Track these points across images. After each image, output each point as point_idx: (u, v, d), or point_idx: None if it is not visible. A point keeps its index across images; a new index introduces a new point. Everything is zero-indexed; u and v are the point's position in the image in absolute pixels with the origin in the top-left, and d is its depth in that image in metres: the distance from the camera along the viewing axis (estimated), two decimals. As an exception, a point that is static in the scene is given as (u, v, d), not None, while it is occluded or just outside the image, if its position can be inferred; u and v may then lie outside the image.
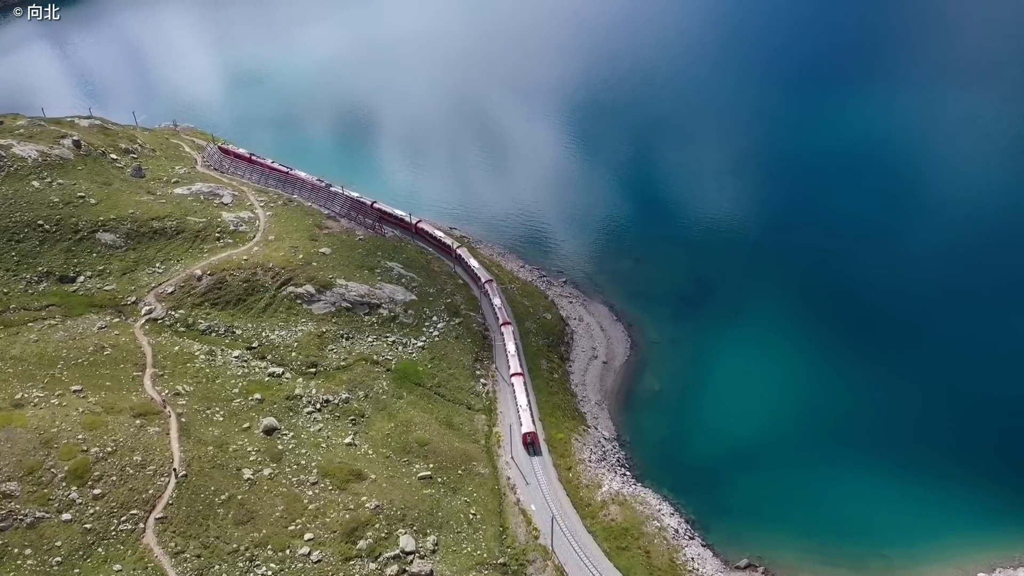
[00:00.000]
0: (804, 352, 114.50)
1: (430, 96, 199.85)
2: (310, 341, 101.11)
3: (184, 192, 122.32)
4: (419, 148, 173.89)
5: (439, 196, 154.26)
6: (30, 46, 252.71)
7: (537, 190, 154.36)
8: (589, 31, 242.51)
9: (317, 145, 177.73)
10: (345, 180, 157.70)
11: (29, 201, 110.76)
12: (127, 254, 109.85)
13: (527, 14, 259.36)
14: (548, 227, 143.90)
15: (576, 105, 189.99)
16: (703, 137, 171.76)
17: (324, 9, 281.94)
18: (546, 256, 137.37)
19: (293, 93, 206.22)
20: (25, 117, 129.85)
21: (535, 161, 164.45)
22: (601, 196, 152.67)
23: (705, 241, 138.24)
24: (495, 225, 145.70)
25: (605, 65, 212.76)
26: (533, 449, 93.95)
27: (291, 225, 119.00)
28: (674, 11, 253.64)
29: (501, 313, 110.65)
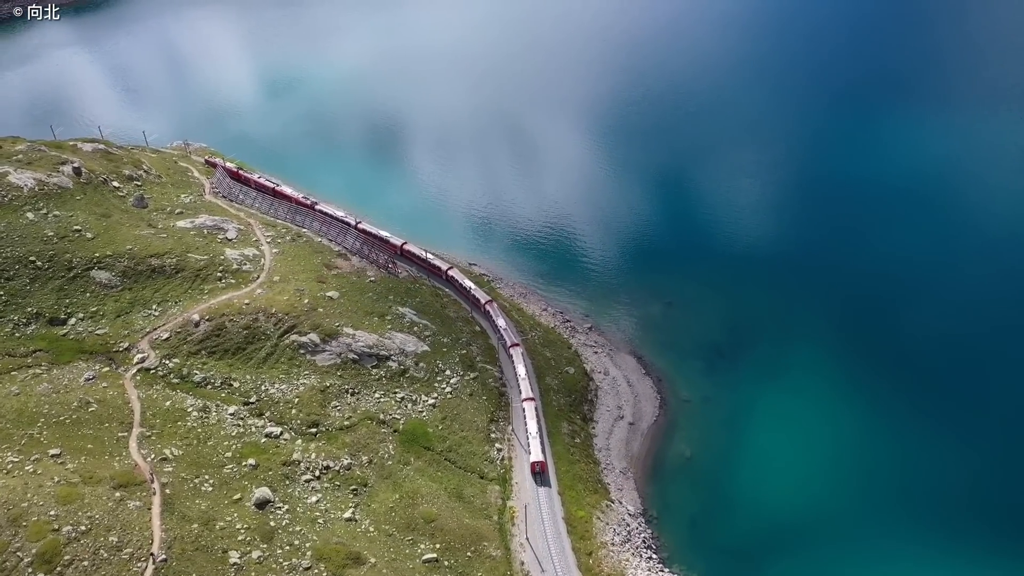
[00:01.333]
0: (855, 413, 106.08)
1: (456, 117, 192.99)
2: (312, 397, 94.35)
3: (187, 225, 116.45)
4: (442, 174, 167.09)
5: (460, 226, 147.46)
6: (41, 57, 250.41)
7: (562, 222, 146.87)
8: (621, 47, 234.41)
9: (334, 167, 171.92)
10: (361, 205, 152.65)
11: (22, 235, 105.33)
12: (122, 294, 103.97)
13: (559, 30, 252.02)
14: (573, 264, 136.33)
15: (606, 127, 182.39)
16: (740, 164, 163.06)
17: (352, 19, 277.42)
18: (571, 297, 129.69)
19: (314, 109, 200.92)
20: (25, 141, 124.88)
21: (561, 190, 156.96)
22: (630, 230, 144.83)
23: (742, 283, 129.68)
24: (517, 260, 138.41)
25: (637, 84, 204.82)
26: (541, 479, 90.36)
27: (298, 264, 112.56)
28: (710, 29, 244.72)
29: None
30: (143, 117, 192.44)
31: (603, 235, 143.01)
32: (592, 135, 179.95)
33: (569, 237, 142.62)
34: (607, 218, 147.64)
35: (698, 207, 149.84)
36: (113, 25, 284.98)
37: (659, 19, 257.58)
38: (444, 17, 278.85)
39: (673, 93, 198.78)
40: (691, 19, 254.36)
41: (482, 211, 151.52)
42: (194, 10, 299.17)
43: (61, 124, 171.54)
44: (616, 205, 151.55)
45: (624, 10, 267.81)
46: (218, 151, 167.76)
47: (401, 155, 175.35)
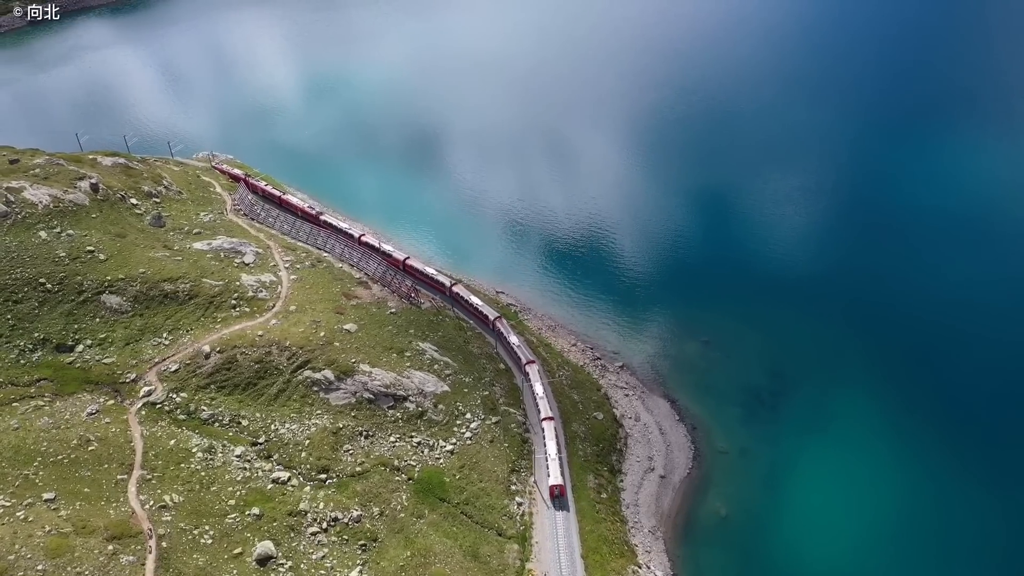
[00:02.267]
0: (908, 472, 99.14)
1: (489, 130, 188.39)
2: (324, 439, 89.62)
3: (203, 247, 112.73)
4: (473, 192, 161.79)
5: (489, 251, 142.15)
6: (73, 60, 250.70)
7: (595, 249, 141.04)
8: (662, 58, 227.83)
9: (362, 180, 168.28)
10: (388, 222, 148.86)
11: (33, 255, 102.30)
12: (132, 320, 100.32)
13: (598, 40, 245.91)
14: (606, 294, 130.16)
15: (644, 146, 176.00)
16: (786, 188, 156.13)
17: (387, 25, 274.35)
18: (602, 331, 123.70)
19: (344, 118, 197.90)
20: (44, 154, 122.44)
21: (594, 213, 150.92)
22: (667, 259, 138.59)
23: (786, 321, 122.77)
24: (547, 289, 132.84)
25: (679, 99, 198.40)
26: (559, 503, 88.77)
27: (316, 293, 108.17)
28: (761, 40, 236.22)
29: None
30: (171, 125, 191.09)
31: (638, 263, 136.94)
32: (629, 154, 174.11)
33: (602, 265, 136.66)
34: (643, 245, 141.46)
35: (740, 235, 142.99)
36: (147, 27, 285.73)
37: (704, 28, 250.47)
38: (481, 24, 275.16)
39: (716, 109, 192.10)
40: (739, 30, 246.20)
41: (513, 234, 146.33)
42: (229, 12, 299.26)
43: (88, 132, 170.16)
44: (653, 231, 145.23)
45: (666, 18, 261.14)
46: (245, 164, 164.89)
47: (432, 170, 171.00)
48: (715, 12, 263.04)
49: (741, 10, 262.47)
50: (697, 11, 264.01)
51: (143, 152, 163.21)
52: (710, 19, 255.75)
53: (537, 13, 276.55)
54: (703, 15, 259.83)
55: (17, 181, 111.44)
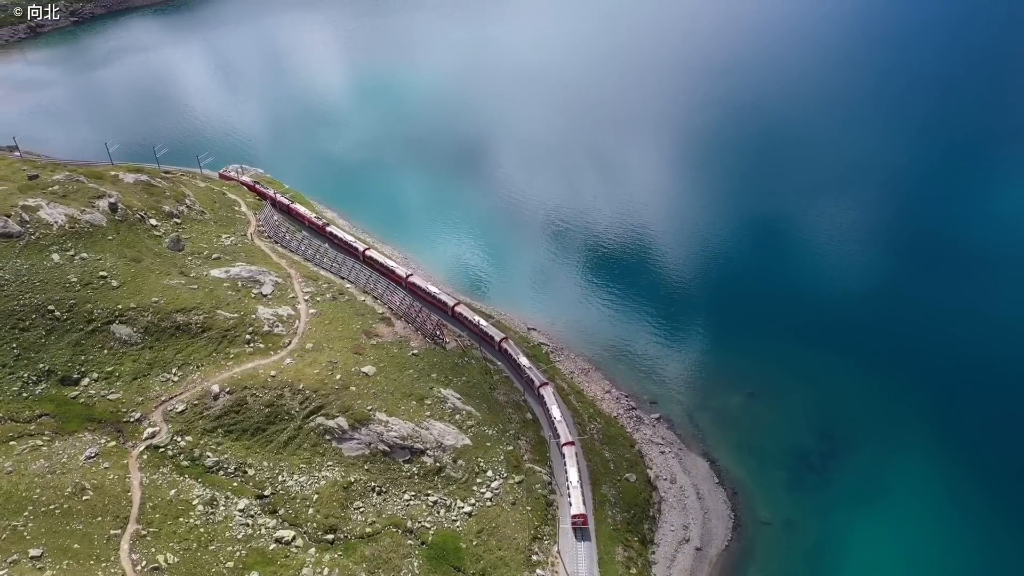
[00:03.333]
0: (977, 553, 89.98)
1: (532, 147, 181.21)
2: (333, 494, 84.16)
3: (220, 275, 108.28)
4: (509, 216, 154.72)
5: (523, 283, 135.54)
6: (112, 62, 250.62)
7: (636, 285, 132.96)
8: (716, 75, 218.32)
9: (393, 196, 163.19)
10: (417, 245, 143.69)
11: (44, 280, 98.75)
12: (142, 353, 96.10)
13: (649, 54, 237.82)
14: (644, 336, 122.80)
15: (692, 171, 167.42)
16: (846, 224, 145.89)
17: (434, 32, 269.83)
18: (638, 377, 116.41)
19: (382, 131, 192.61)
20: (66, 169, 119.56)
21: (636, 245, 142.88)
22: (711, 298, 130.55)
23: (840, 374, 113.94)
24: (582, 327, 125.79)
25: (730, 121, 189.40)
26: (582, 534, 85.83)
27: (335, 329, 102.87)
28: (822, 58, 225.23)
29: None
30: (202, 134, 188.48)
31: (680, 301, 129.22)
32: (676, 179, 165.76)
33: (641, 303, 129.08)
34: (686, 281, 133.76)
35: (792, 273, 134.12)
36: (187, 29, 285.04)
37: (761, 45, 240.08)
38: (527, 34, 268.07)
39: (769, 131, 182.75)
40: (799, 47, 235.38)
41: (549, 264, 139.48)
42: (270, 16, 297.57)
43: (118, 140, 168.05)
44: (697, 265, 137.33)
45: (721, 35, 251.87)
46: (276, 179, 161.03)
47: (467, 190, 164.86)
48: (773, 28, 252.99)
49: (802, 26, 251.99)
50: (755, 27, 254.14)
51: (173, 163, 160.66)
52: (767, 35, 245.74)
53: (587, 25, 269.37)
54: (761, 31, 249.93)
55: (34, 199, 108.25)
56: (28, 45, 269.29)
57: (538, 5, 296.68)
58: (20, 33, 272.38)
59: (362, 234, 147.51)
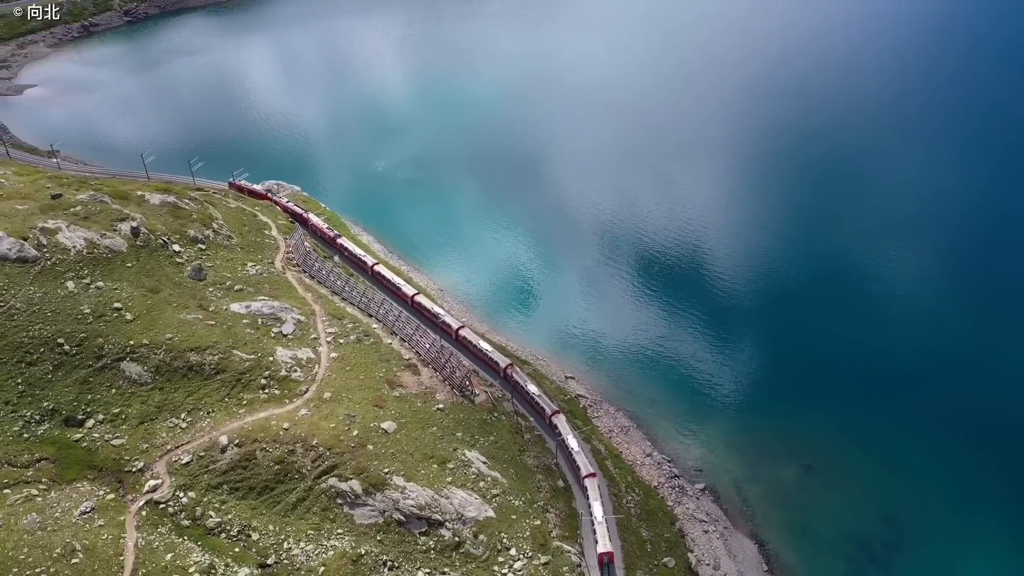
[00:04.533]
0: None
1: (585, 171, 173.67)
2: (341, 568, 77.75)
3: (240, 310, 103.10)
4: (557, 247, 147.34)
5: (566, 324, 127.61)
6: (161, 64, 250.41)
7: (684, 334, 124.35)
8: (785, 98, 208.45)
9: (434, 218, 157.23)
10: (456, 276, 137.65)
11: (56, 310, 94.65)
12: (151, 394, 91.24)
13: (714, 72, 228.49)
14: (692, 393, 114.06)
15: (752, 206, 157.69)
16: (924, 275, 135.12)
17: (494, 40, 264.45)
18: (683, 439, 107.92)
19: (429, 148, 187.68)
20: (90, 188, 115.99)
21: (686, 292, 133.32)
22: (767, 354, 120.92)
23: (913, 450, 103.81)
24: (624, 377, 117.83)
25: (798, 150, 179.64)
26: (609, 571, 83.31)
27: (356, 377, 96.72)
28: (905, 85, 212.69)
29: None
30: (241, 145, 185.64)
31: (733, 356, 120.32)
32: (734, 215, 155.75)
33: (690, 355, 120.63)
34: (739, 335, 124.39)
35: (861, 330, 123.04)
36: (238, 32, 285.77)
37: (834, 66, 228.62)
38: (587, 44, 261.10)
39: (840, 163, 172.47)
40: (880, 71, 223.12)
41: (592, 308, 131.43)
42: (323, 21, 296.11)
43: (156, 151, 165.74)
44: (752, 318, 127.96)
45: (793, 56, 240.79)
46: (312, 197, 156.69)
47: (514, 216, 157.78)
48: (851, 50, 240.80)
49: (881, 51, 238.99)
50: (830, 48, 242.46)
51: (209, 175, 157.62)
52: (842, 57, 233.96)
53: (651, 41, 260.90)
54: (836, 52, 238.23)
55: (54, 220, 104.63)
56: (81, 45, 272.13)
57: (602, 18, 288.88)
58: (73, 32, 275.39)
59: (398, 261, 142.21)
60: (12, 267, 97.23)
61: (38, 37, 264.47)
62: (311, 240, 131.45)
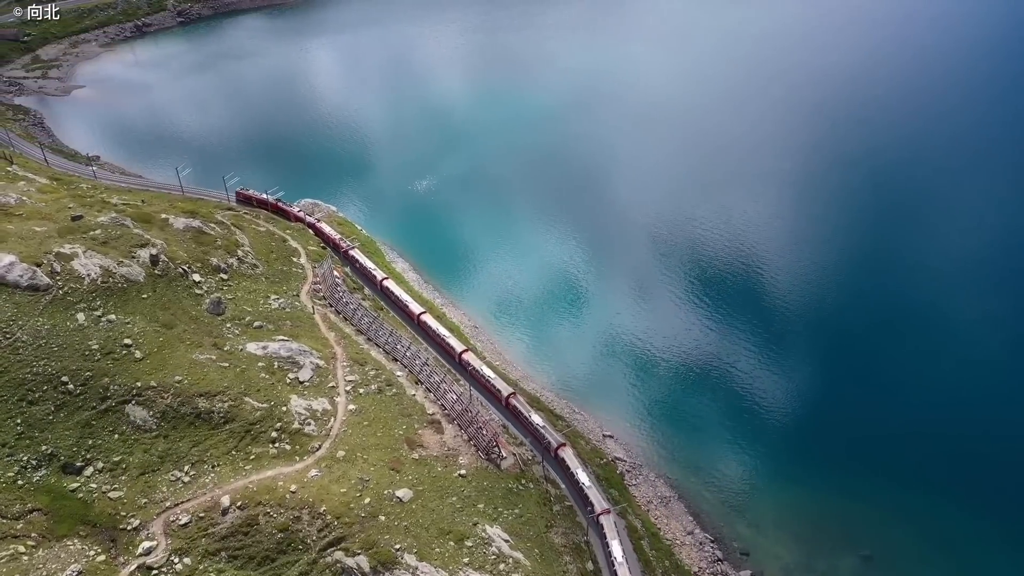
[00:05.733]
0: None
1: (643, 199, 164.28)
2: (341, 657, 71.21)
3: (257, 351, 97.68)
4: (602, 291, 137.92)
5: (603, 375, 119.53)
6: (210, 68, 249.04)
7: (734, 395, 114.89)
8: (860, 127, 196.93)
9: (469, 248, 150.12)
10: (494, 316, 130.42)
11: (63, 344, 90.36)
12: (155, 442, 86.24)
13: (787, 94, 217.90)
14: (743, 463, 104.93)
15: (813, 251, 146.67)
16: (1002, 334, 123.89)
17: (546, 52, 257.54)
18: (729, 515, 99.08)
19: (476, 165, 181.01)
20: (113, 209, 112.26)
21: (740, 348, 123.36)
22: (828, 428, 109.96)
23: (990, 544, 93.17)
24: (667, 440, 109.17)
25: (872, 186, 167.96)
26: None
27: (373, 434, 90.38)
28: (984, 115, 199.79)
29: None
30: (279, 160, 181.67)
31: (788, 426, 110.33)
32: (798, 258, 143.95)
33: (742, 419, 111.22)
34: (795, 402, 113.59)
35: (935, 401, 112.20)
36: (290, 36, 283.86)
37: (916, 93, 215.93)
38: (654, 56, 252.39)
39: (917, 201, 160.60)
40: (965, 102, 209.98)
41: (637, 357, 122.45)
42: (374, 28, 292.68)
43: (190, 164, 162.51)
44: (811, 382, 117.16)
45: (869, 73, 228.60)
46: (348, 219, 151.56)
47: (562, 246, 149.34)
48: (937, 75, 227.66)
49: (972, 77, 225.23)
50: (915, 72, 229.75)
51: (239, 196, 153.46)
52: (927, 82, 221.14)
53: (709, 54, 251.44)
54: (920, 77, 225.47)
55: (71, 245, 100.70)
56: (132, 45, 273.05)
57: (662, 32, 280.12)
58: (126, 32, 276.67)
59: (432, 292, 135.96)
60: (22, 295, 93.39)
61: (91, 36, 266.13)
62: (341, 268, 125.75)
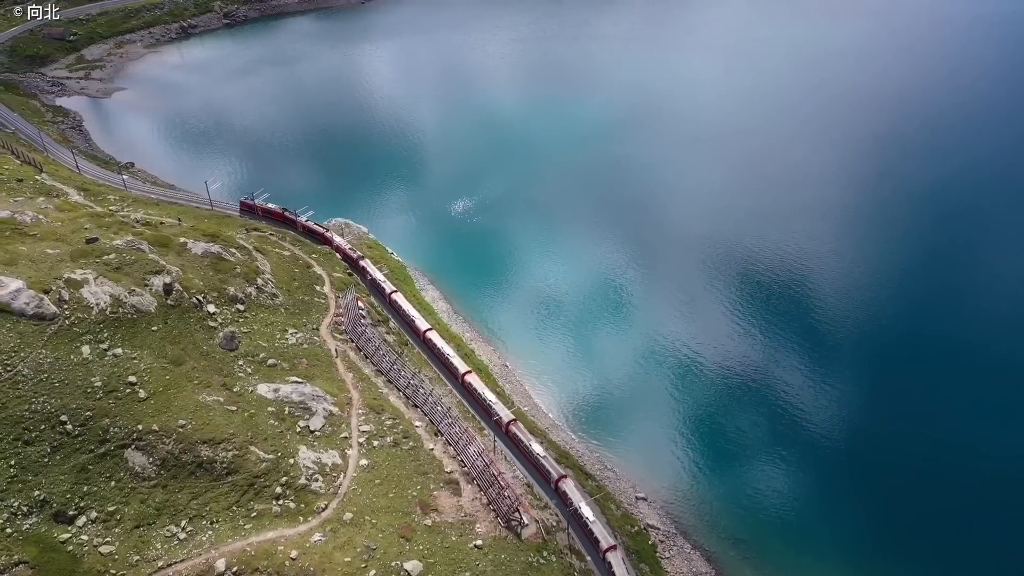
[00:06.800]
0: None
1: (700, 232, 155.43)
2: None
3: (267, 394, 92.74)
4: (651, 333, 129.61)
5: (643, 428, 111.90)
6: (250, 73, 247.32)
7: (795, 459, 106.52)
8: (940, 159, 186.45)
9: (508, 275, 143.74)
10: (530, 353, 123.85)
11: (65, 380, 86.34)
12: (153, 492, 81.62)
13: (868, 114, 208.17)
14: (792, 541, 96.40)
15: (875, 310, 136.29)
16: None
17: (605, 65, 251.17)
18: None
19: (520, 188, 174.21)
20: (130, 231, 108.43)
21: (799, 406, 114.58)
22: (894, 501, 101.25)
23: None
24: (708, 505, 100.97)
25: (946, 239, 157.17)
26: None
27: (385, 495, 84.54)
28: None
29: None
30: (315, 174, 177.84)
31: (843, 495, 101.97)
32: (870, 325, 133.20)
33: (792, 487, 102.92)
34: (856, 469, 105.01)
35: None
36: (334, 40, 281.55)
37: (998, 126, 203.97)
38: (716, 72, 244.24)
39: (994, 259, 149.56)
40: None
41: (684, 411, 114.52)
42: (421, 35, 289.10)
43: (223, 176, 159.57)
44: (873, 446, 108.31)
45: (948, 100, 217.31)
46: (379, 241, 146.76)
47: (609, 277, 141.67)
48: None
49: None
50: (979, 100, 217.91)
51: (272, 213, 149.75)
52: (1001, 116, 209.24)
53: (781, 71, 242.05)
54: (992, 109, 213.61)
55: (83, 271, 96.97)
56: (177, 47, 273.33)
57: (723, 45, 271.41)
58: (172, 33, 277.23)
59: (461, 324, 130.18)
60: (27, 325, 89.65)
61: (136, 36, 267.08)
62: (366, 299, 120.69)
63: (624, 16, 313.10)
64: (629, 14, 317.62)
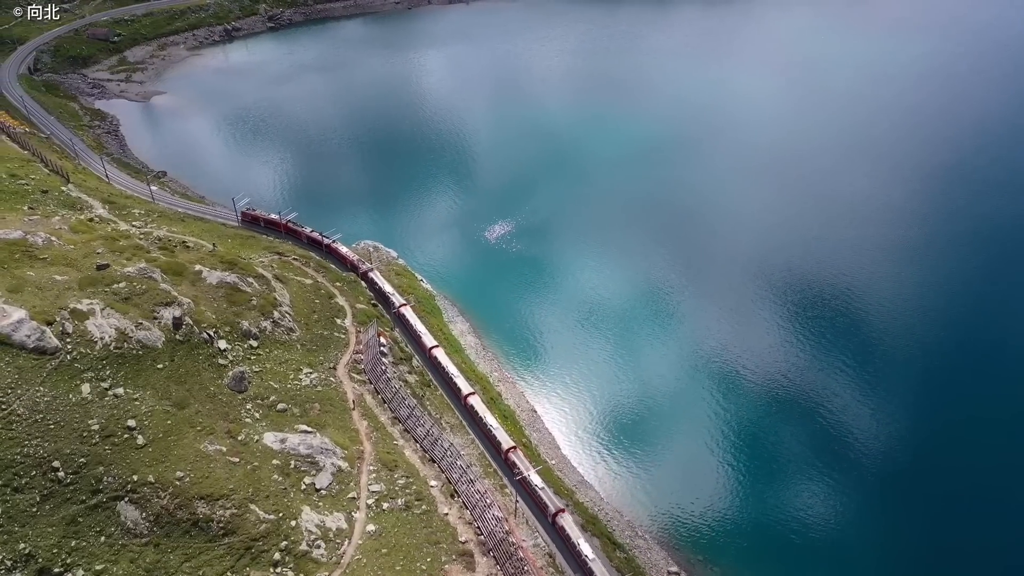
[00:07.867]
0: None
1: (750, 268, 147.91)
2: None
3: (274, 444, 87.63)
4: (694, 376, 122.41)
5: (682, 490, 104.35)
6: (293, 80, 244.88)
7: (846, 530, 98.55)
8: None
9: (538, 307, 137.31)
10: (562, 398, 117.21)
11: (61, 422, 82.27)
12: (144, 551, 76.90)
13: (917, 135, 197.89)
14: None
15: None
16: None
17: (651, 78, 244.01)
18: None
19: (558, 210, 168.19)
20: (143, 258, 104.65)
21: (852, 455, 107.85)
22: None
23: None
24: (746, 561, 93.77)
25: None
26: None
27: (391, 568, 78.45)
28: None
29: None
30: (348, 194, 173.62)
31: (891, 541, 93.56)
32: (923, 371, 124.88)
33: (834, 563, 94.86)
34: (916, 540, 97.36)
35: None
36: (374, 48, 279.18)
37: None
38: (778, 88, 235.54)
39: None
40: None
41: (725, 476, 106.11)
42: (466, 44, 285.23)
43: (253, 191, 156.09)
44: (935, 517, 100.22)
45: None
46: (408, 267, 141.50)
47: (648, 325, 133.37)
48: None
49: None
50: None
51: (297, 233, 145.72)
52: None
53: (845, 92, 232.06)
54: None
55: (89, 300, 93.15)
56: (219, 50, 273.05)
57: (785, 60, 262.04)
58: (215, 35, 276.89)
59: (490, 362, 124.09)
60: (27, 359, 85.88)
61: (179, 39, 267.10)
62: (388, 334, 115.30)
63: (678, 28, 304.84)
64: (683, 26, 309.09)
